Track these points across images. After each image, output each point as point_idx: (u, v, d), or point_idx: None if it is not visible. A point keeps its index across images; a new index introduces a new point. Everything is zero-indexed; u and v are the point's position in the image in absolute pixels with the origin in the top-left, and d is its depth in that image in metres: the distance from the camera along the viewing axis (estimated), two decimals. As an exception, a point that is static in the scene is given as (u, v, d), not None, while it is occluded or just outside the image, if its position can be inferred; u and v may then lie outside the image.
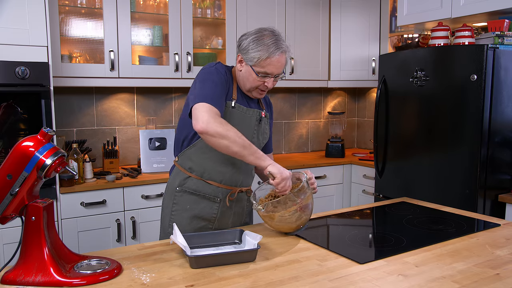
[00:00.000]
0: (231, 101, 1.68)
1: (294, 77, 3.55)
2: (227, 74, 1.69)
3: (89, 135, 3.10)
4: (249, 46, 1.63)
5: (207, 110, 1.49)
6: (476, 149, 2.42)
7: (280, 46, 1.62)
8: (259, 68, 1.63)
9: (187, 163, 1.73)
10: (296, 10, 3.51)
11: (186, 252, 1.29)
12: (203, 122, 1.47)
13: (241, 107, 1.69)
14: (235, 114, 1.68)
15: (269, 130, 1.88)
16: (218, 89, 1.60)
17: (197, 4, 3.20)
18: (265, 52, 1.60)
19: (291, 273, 1.25)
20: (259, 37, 1.62)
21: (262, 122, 1.77)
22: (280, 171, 1.51)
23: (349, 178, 3.58)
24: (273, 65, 1.62)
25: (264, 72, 1.64)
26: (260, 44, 1.61)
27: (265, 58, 1.61)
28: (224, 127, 1.48)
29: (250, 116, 1.72)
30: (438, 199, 2.35)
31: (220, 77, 1.64)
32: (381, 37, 3.58)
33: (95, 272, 1.20)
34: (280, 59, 1.63)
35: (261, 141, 1.79)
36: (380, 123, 3.01)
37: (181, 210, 1.74)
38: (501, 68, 2.42)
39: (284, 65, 1.68)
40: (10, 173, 1.16)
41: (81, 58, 2.91)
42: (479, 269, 1.27)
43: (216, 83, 1.61)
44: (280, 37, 1.65)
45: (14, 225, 2.23)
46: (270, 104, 1.93)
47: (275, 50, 1.60)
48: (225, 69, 1.70)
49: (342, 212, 1.94)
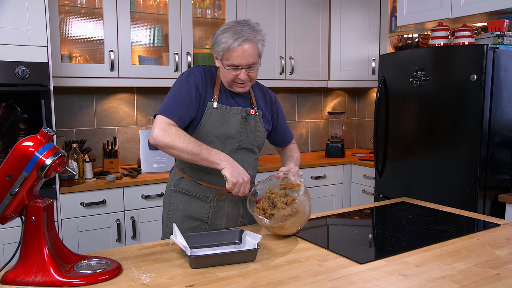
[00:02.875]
0: (212, 102, 1.66)
1: (294, 77, 3.55)
2: (204, 77, 1.67)
3: (89, 135, 3.10)
4: (216, 40, 1.62)
5: (159, 123, 1.56)
6: (476, 149, 2.42)
7: (243, 35, 1.56)
8: (226, 61, 1.60)
9: (181, 165, 1.77)
10: (296, 10, 3.51)
11: (186, 252, 1.29)
12: (152, 136, 1.55)
13: (223, 107, 1.67)
14: (216, 114, 1.66)
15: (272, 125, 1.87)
16: (181, 99, 1.60)
17: (197, 4, 3.20)
18: (226, 43, 1.57)
19: (291, 273, 1.25)
20: (225, 30, 1.59)
21: (250, 120, 1.73)
22: (233, 175, 1.50)
23: (349, 178, 3.58)
24: (238, 55, 1.57)
25: (232, 64, 1.60)
26: (224, 37, 1.58)
27: (227, 49, 1.57)
28: (172, 138, 1.52)
29: (234, 114, 1.69)
30: (438, 199, 2.35)
31: (188, 85, 1.63)
32: (381, 37, 3.58)
33: (95, 272, 1.20)
34: (244, 48, 1.57)
35: (252, 139, 1.75)
36: (380, 123, 3.01)
37: (176, 210, 1.77)
38: (501, 68, 2.41)
39: (255, 54, 1.60)
40: (10, 173, 1.15)
41: (81, 58, 2.91)
42: (479, 269, 1.27)
43: (181, 92, 1.61)
44: (247, 27, 1.59)
45: (14, 225, 2.23)
46: (273, 100, 1.89)
47: (236, 40, 1.55)
48: (201, 72, 1.68)
49: (342, 212, 1.94)
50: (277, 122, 1.91)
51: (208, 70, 1.72)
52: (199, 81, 1.65)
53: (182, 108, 1.60)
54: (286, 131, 1.96)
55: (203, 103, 1.66)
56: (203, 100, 1.66)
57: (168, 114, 1.57)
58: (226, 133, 1.68)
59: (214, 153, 1.54)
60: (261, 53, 1.66)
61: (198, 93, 1.64)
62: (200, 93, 1.65)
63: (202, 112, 1.66)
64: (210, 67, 1.75)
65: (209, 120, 1.66)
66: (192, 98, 1.63)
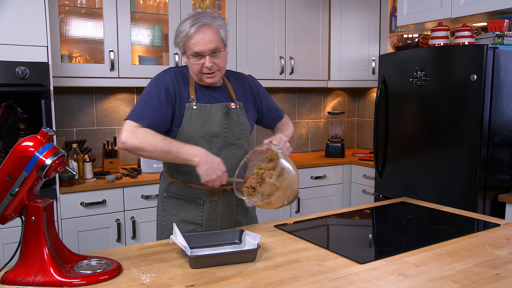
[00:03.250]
0: (190, 103, 1.63)
1: (294, 77, 3.55)
2: (175, 79, 1.64)
3: (89, 135, 3.10)
4: (175, 33, 1.61)
5: (127, 127, 1.53)
6: (476, 149, 2.42)
7: (199, 20, 1.55)
8: (188, 50, 1.58)
9: (169, 168, 1.74)
10: (296, 10, 3.51)
11: (186, 252, 1.29)
12: (120, 140, 1.52)
13: (202, 106, 1.64)
14: (197, 114, 1.63)
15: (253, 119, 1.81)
16: (150, 103, 1.57)
17: (197, 4, 3.20)
18: (184, 32, 1.56)
19: (291, 273, 1.25)
20: (183, 20, 1.59)
21: (232, 114, 1.69)
22: (206, 174, 1.48)
23: (349, 178, 3.58)
24: (197, 42, 1.55)
25: (194, 52, 1.57)
26: (182, 27, 1.57)
27: (186, 37, 1.56)
28: (140, 138, 1.49)
29: (215, 111, 1.65)
30: (438, 199, 2.35)
31: (158, 89, 1.59)
32: (381, 37, 3.58)
33: (95, 272, 1.20)
34: (201, 34, 1.55)
35: (238, 133, 1.70)
36: (380, 123, 3.01)
37: (169, 215, 1.74)
38: (501, 68, 2.41)
39: (216, 39, 1.58)
40: (10, 173, 1.15)
41: (81, 58, 2.91)
42: (479, 269, 1.27)
43: (150, 96, 1.59)
44: (206, 14, 1.58)
45: (14, 225, 2.22)
46: (252, 85, 1.82)
47: (193, 26, 1.54)
48: (172, 75, 1.65)
49: (342, 212, 1.94)
50: (261, 106, 1.84)
51: (179, 72, 1.68)
52: (169, 84, 1.62)
53: (152, 112, 1.56)
54: (274, 111, 1.89)
55: (178, 106, 1.62)
56: (177, 102, 1.62)
57: (136, 119, 1.54)
58: (210, 132, 1.64)
59: (186, 149, 1.49)
60: (225, 39, 1.62)
61: (169, 97, 1.60)
62: (171, 96, 1.61)
63: (181, 115, 1.62)
64: (181, 68, 1.71)
65: (190, 122, 1.62)
66: (162, 102, 1.58)
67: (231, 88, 1.75)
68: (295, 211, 3.33)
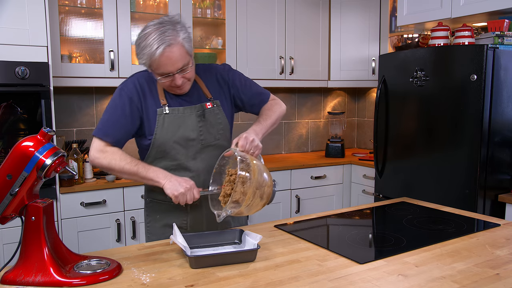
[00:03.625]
0: (161, 108, 1.56)
1: (294, 77, 3.55)
2: (139, 87, 1.57)
3: (89, 135, 3.10)
4: (137, 50, 1.48)
5: (94, 145, 1.54)
6: (476, 149, 2.42)
7: (164, 40, 1.41)
8: (155, 70, 1.48)
9: None
10: (296, 10, 3.51)
11: (186, 252, 1.29)
12: (89, 158, 1.55)
13: (175, 109, 1.57)
14: (170, 119, 1.57)
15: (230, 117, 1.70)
16: (115, 117, 1.54)
17: (197, 4, 3.20)
18: (148, 56, 1.43)
19: (291, 273, 1.25)
20: (144, 36, 1.44)
21: (208, 116, 1.61)
22: (171, 190, 1.44)
23: (349, 178, 3.58)
24: (165, 64, 1.44)
25: (161, 73, 1.47)
26: (143, 49, 1.44)
27: (151, 60, 1.44)
28: (108, 160, 1.51)
29: (189, 114, 1.59)
30: (438, 199, 2.35)
31: (122, 100, 1.55)
32: (381, 37, 3.58)
33: (95, 272, 1.20)
34: (169, 55, 1.43)
35: (215, 134, 1.64)
36: (380, 123, 3.01)
37: (154, 221, 1.70)
38: (501, 68, 2.41)
39: (183, 56, 1.46)
40: (10, 173, 1.15)
41: (81, 58, 2.91)
42: (479, 269, 1.27)
43: (115, 109, 1.55)
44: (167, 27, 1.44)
45: (14, 225, 2.22)
46: (223, 74, 1.70)
47: (158, 49, 1.41)
48: (136, 83, 1.57)
49: (342, 212, 1.94)
50: (240, 95, 1.72)
51: (145, 77, 1.60)
52: (133, 93, 1.56)
53: (116, 127, 1.54)
54: (256, 97, 1.75)
55: (146, 113, 1.56)
56: (144, 111, 1.56)
57: (102, 135, 1.53)
58: (185, 136, 1.58)
59: (152, 171, 1.49)
60: (190, 51, 1.50)
61: (133, 107, 1.55)
62: (137, 105, 1.55)
63: (153, 122, 1.56)
64: (148, 72, 1.60)
65: (163, 128, 1.56)
66: (127, 113, 1.54)
67: (204, 86, 1.65)
68: (295, 211, 3.33)
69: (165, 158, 1.60)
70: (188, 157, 1.60)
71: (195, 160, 1.61)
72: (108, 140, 1.54)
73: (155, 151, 1.59)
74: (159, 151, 1.59)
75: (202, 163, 1.62)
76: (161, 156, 1.60)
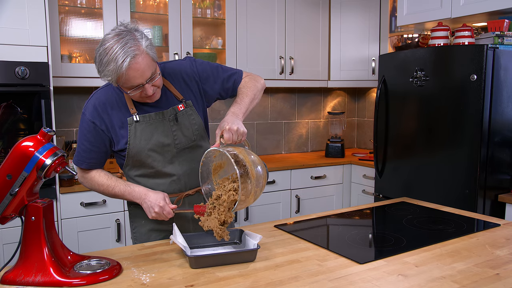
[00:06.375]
0: (131, 117, 1.51)
1: (294, 77, 3.55)
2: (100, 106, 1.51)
3: (89, 135, 3.10)
4: (99, 70, 1.40)
5: (77, 170, 1.63)
6: (476, 149, 2.42)
7: (127, 53, 1.33)
8: (123, 85, 1.41)
9: (127, 178, 1.66)
10: (296, 10, 3.51)
11: (186, 252, 1.29)
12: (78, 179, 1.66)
13: (146, 116, 1.52)
14: (141, 127, 1.52)
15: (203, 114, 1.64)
16: (83, 144, 1.55)
17: (197, 4, 3.20)
18: (113, 72, 1.35)
19: (291, 273, 1.25)
20: (103, 55, 1.36)
21: (181, 119, 1.56)
22: (147, 211, 1.50)
23: (349, 178, 3.58)
24: (133, 77, 1.37)
25: (131, 86, 1.40)
26: (106, 65, 1.36)
27: (117, 76, 1.36)
28: (90, 185, 1.62)
29: (161, 119, 1.54)
30: (438, 199, 2.35)
31: (84, 125, 1.53)
32: (381, 37, 3.58)
33: (95, 272, 1.20)
34: (134, 67, 1.35)
35: (191, 135, 1.59)
36: (380, 123, 3.01)
37: (139, 226, 1.67)
38: (501, 68, 2.42)
39: (149, 65, 1.39)
40: (10, 173, 1.15)
41: (81, 58, 2.91)
42: (479, 269, 1.27)
43: (82, 136, 1.55)
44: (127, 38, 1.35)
45: (14, 225, 2.23)
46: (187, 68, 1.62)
47: (122, 64, 1.33)
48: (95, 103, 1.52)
49: (342, 212, 1.94)
50: (211, 87, 1.64)
51: (106, 92, 1.54)
52: (94, 116, 1.51)
53: (87, 154, 1.56)
54: (229, 82, 1.66)
55: (113, 130, 1.53)
56: (111, 129, 1.53)
57: (78, 163, 1.58)
58: (159, 143, 1.54)
59: (127, 194, 1.55)
60: (155, 57, 1.43)
61: (98, 130, 1.52)
62: (101, 128, 1.52)
63: (125, 133, 1.52)
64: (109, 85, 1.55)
65: (135, 137, 1.51)
66: (92, 140, 1.53)
67: (173, 88, 1.58)
68: (295, 211, 3.33)
69: (142, 166, 1.58)
70: (165, 163, 1.57)
71: (172, 164, 1.58)
72: (84, 167, 1.59)
73: (131, 160, 1.57)
74: (135, 161, 1.57)
75: (181, 166, 1.59)
76: (139, 165, 1.58)
